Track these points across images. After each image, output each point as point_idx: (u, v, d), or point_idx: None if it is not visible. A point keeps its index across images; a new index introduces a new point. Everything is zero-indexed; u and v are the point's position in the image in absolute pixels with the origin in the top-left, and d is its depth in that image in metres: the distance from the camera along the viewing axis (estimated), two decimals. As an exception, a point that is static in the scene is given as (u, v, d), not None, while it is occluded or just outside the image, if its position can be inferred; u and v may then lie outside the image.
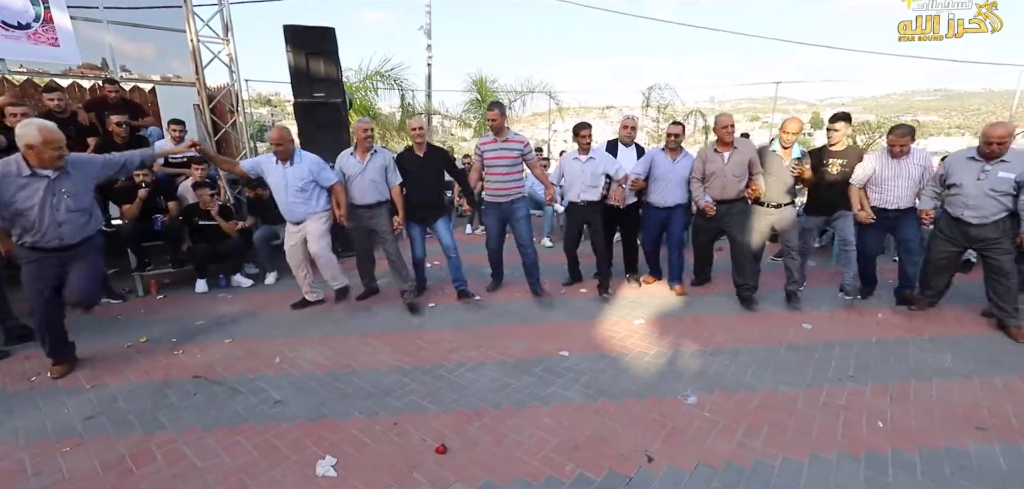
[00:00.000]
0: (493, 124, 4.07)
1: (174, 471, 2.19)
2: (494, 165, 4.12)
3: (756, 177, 3.99)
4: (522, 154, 4.15)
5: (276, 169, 3.78)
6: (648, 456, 2.30)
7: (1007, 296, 3.57)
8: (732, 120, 4.03)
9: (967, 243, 3.64)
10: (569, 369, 3.15)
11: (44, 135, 2.65)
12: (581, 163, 4.26)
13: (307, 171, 3.80)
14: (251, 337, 3.63)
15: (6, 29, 4.88)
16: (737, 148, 3.99)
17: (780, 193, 4.02)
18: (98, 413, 2.64)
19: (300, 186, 3.76)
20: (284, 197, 3.79)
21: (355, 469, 2.21)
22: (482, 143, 4.20)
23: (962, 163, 3.57)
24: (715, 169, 4.05)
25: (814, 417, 2.62)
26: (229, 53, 6.14)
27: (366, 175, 3.93)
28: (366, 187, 3.95)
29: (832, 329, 3.80)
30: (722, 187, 4.04)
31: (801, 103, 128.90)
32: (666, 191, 4.30)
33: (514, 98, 12.92)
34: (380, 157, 3.99)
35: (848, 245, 4.10)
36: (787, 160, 3.96)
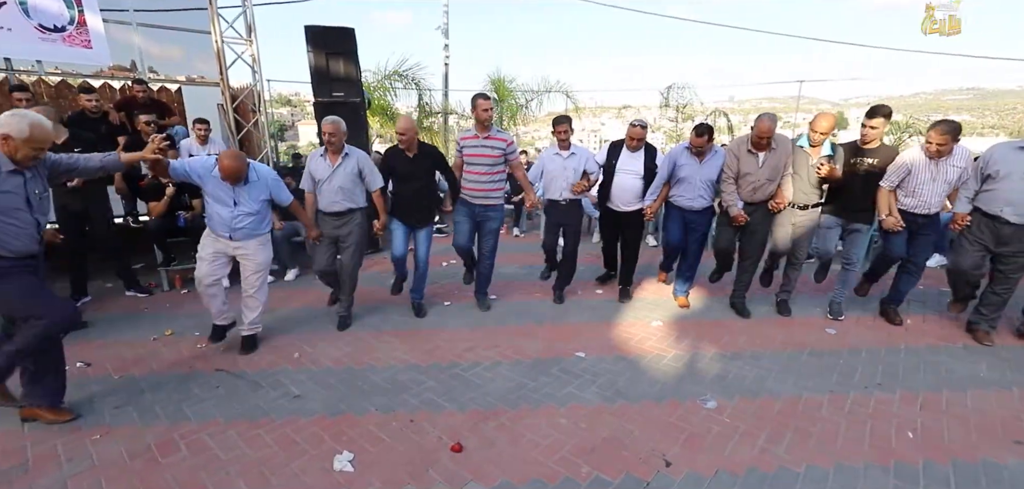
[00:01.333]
0: (487, 115, 3.71)
1: (197, 462, 2.23)
2: (474, 163, 3.78)
3: (785, 181, 3.70)
4: (505, 154, 3.81)
5: (222, 184, 3.05)
6: (666, 461, 2.27)
7: (997, 306, 3.53)
8: (773, 127, 3.56)
9: (995, 245, 3.37)
10: (586, 370, 3.12)
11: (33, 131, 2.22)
12: (562, 159, 3.99)
13: (267, 191, 3.24)
14: (272, 331, 3.69)
15: (43, 32, 5.05)
16: (774, 149, 3.62)
17: (806, 193, 3.74)
18: (125, 403, 2.71)
19: (256, 208, 3.18)
20: (229, 216, 3.10)
21: (372, 465, 2.23)
22: (463, 137, 3.89)
23: (1009, 154, 3.25)
24: (749, 170, 3.71)
25: (839, 425, 2.55)
26: (252, 54, 6.26)
27: (335, 180, 3.49)
28: (335, 193, 3.51)
29: (858, 335, 3.69)
30: (754, 190, 3.73)
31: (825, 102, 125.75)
32: (691, 193, 3.94)
33: (531, 97, 12.89)
34: (352, 160, 3.55)
35: (852, 264, 3.87)
36: (814, 158, 3.66)
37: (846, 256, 3.90)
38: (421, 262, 3.96)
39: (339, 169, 3.50)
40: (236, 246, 3.22)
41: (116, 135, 4.90)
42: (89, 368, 3.12)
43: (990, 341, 3.52)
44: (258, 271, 3.31)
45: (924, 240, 3.69)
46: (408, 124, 3.66)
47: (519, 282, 4.89)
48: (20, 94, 4.67)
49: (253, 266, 3.28)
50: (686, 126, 12.40)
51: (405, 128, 3.62)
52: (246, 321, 3.38)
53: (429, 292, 4.58)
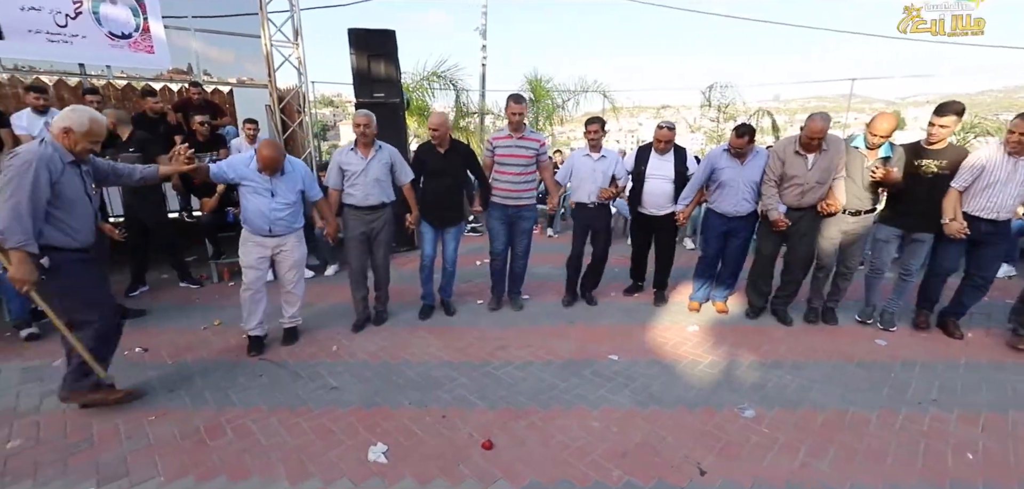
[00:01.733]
0: (516, 118, 3.66)
1: (242, 446, 2.35)
2: (506, 164, 3.75)
3: (837, 183, 3.47)
4: (537, 154, 3.81)
5: (259, 176, 3.14)
6: (700, 469, 2.21)
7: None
8: (826, 126, 3.35)
9: None
10: (618, 373, 3.08)
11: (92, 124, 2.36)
12: (592, 161, 3.92)
13: (300, 180, 3.30)
14: (311, 325, 3.83)
15: (112, 39, 5.45)
16: (825, 150, 3.38)
17: (859, 198, 3.49)
18: (178, 387, 2.89)
19: (292, 198, 3.24)
20: (268, 208, 3.16)
21: (404, 457, 2.28)
22: (495, 137, 3.83)
23: None
24: (796, 173, 3.47)
25: (889, 442, 2.41)
26: (298, 56, 6.52)
27: (370, 173, 3.49)
28: (370, 187, 3.50)
29: (911, 347, 3.48)
30: (801, 194, 3.50)
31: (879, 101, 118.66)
32: (733, 198, 3.72)
33: (567, 97, 12.82)
34: (385, 153, 3.57)
35: (910, 275, 3.62)
36: (869, 160, 3.39)
37: (904, 266, 3.67)
38: (449, 262, 3.96)
39: (373, 162, 3.51)
40: (276, 245, 3.29)
41: (173, 134, 5.21)
42: (146, 353, 3.34)
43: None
44: (295, 266, 3.39)
45: (990, 252, 3.40)
46: (441, 120, 3.66)
47: (552, 282, 4.87)
48: (92, 97, 5.05)
49: (290, 261, 3.36)
50: (728, 126, 12.00)
51: (438, 123, 3.63)
52: (286, 315, 3.50)
53: (462, 291, 4.64)
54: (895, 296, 3.77)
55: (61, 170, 2.27)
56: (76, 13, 5.19)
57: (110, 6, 5.35)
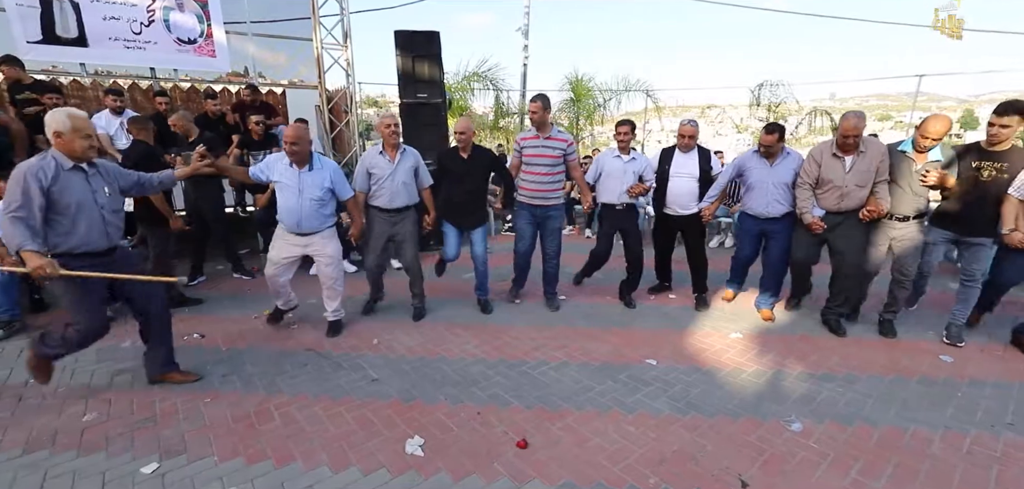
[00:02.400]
0: (533, 117, 3.69)
1: (288, 432, 2.46)
2: (533, 164, 3.76)
3: (880, 187, 3.34)
4: (565, 154, 3.80)
5: (289, 172, 3.24)
6: (743, 481, 2.13)
7: None
8: (862, 125, 3.28)
9: None
10: (656, 378, 3.01)
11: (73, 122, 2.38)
12: (622, 163, 3.94)
13: (329, 178, 3.34)
14: (353, 319, 3.97)
15: (179, 45, 5.85)
16: (863, 152, 3.30)
17: (907, 204, 3.32)
18: (231, 372, 3.06)
19: (319, 195, 3.29)
20: (296, 205, 3.25)
21: (440, 452, 2.32)
22: (522, 138, 3.86)
23: None
24: (833, 177, 3.38)
25: (955, 466, 2.23)
26: (347, 58, 6.76)
27: (397, 176, 3.56)
28: (397, 189, 3.58)
29: (980, 365, 3.21)
30: (840, 198, 3.40)
31: (949, 99, 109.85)
32: (763, 199, 3.71)
33: (609, 97, 12.65)
34: (410, 156, 3.66)
35: (973, 281, 3.36)
36: (920, 164, 3.24)
37: (967, 272, 3.40)
38: (479, 261, 4.02)
39: (400, 165, 3.57)
40: (306, 243, 3.38)
41: (231, 134, 5.53)
42: (203, 339, 3.56)
43: None
44: (330, 263, 3.46)
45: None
46: (466, 125, 3.72)
47: (589, 284, 4.82)
48: (161, 98, 5.45)
49: (326, 259, 3.44)
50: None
51: (464, 128, 3.69)
52: (329, 310, 3.62)
53: (499, 288, 4.67)
54: (960, 305, 3.48)
55: (54, 177, 2.32)
56: (149, 21, 5.61)
57: (179, 13, 5.75)
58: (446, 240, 3.96)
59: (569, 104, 12.48)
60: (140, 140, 3.84)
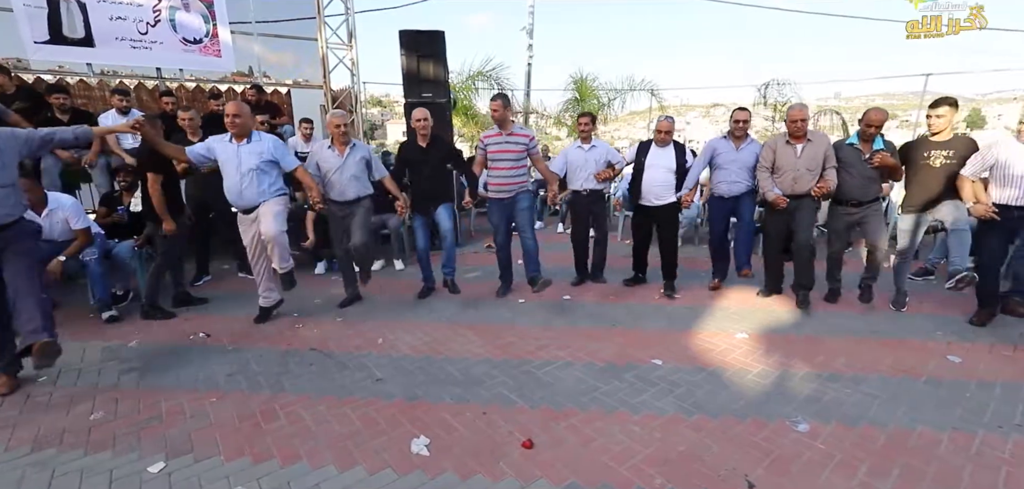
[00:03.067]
0: (494, 115, 3.88)
1: (293, 431, 2.47)
2: (498, 159, 3.96)
3: (829, 171, 3.75)
4: (527, 149, 4.01)
5: (229, 148, 3.38)
6: (749, 482, 2.12)
7: None
8: (804, 113, 3.83)
9: None
10: (662, 379, 3.00)
11: None
12: (583, 152, 4.31)
13: (266, 149, 3.42)
14: (357, 318, 3.98)
15: (185, 45, 5.88)
16: (811, 140, 3.78)
17: (861, 190, 3.73)
18: (236, 372, 3.07)
19: (254, 164, 3.35)
20: (235, 178, 3.36)
21: (445, 452, 2.32)
22: (485, 136, 4.06)
23: None
24: (786, 163, 3.84)
25: (963, 468, 2.21)
26: (352, 58, 6.78)
27: (346, 170, 3.76)
28: (346, 183, 3.78)
29: (989, 366, 3.17)
30: (793, 181, 3.83)
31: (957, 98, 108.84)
32: (730, 178, 4.17)
33: (614, 96, 12.63)
34: (360, 150, 3.86)
35: (961, 233, 3.52)
36: (866, 152, 3.67)
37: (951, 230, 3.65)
38: (447, 235, 4.17)
39: (349, 159, 3.73)
40: (253, 217, 3.47)
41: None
42: (208, 338, 3.58)
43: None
44: (271, 219, 3.39)
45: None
46: (423, 114, 3.94)
47: (592, 283, 4.81)
48: (168, 98, 5.47)
49: (266, 219, 3.39)
50: (782, 126, 11.41)
51: (421, 116, 3.92)
52: (276, 263, 3.58)
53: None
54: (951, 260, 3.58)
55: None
56: (155, 21, 5.64)
57: (184, 13, 5.78)
58: (415, 234, 4.21)
59: (574, 103, 12.46)
60: None
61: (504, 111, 3.86)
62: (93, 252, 3.78)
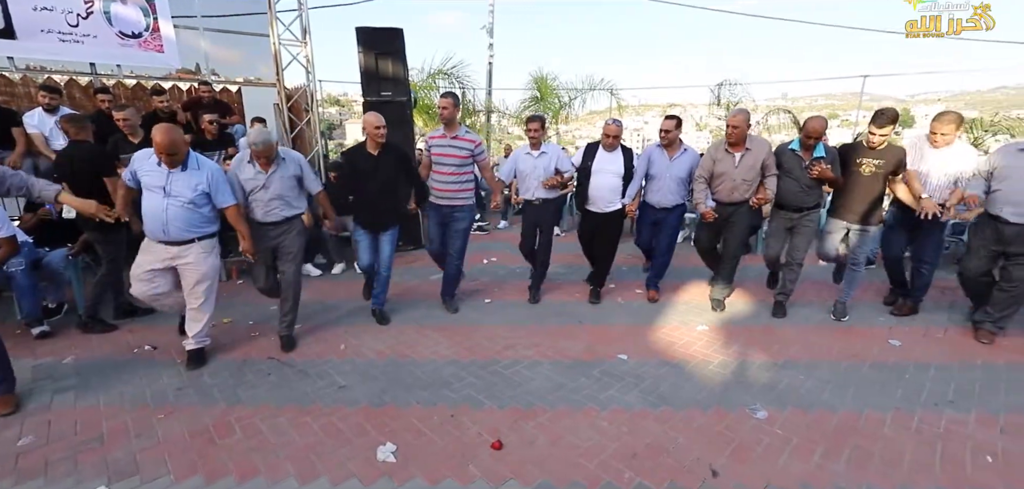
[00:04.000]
0: (443, 113, 3.64)
1: (250, 444, 2.35)
2: (441, 163, 3.71)
3: (768, 180, 3.69)
4: (473, 154, 3.77)
5: (156, 171, 2.81)
6: (713, 470, 2.18)
7: (1005, 305, 3.44)
8: (739, 120, 3.64)
9: (998, 245, 3.35)
10: (628, 373, 3.05)
11: None
12: (533, 158, 4.01)
13: (205, 180, 2.90)
14: (319, 324, 3.84)
15: (122, 39, 5.48)
16: (750, 149, 3.67)
17: (800, 197, 3.69)
18: (187, 385, 2.89)
19: (190, 197, 2.85)
20: (159, 208, 2.80)
21: (413, 457, 2.27)
22: (430, 137, 3.81)
23: (1012, 155, 3.27)
24: (724, 170, 3.73)
25: (905, 445, 2.37)
26: (306, 55, 6.53)
27: (271, 188, 3.18)
28: (271, 203, 3.21)
29: (926, 348, 3.42)
30: (731, 190, 3.75)
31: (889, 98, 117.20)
32: (660, 191, 4.01)
33: (574, 95, 12.77)
34: (290, 165, 3.25)
35: (857, 264, 3.78)
36: (806, 160, 3.63)
37: (852, 256, 3.81)
38: (384, 266, 3.77)
39: (274, 176, 3.16)
40: (174, 255, 2.91)
41: (184, 133, 5.24)
42: (155, 351, 3.35)
43: (990, 339, 3.48)
44: (202, 281, 3.00)
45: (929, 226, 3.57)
46: (376, 119, 3.52)
47: (560, 282, 4.85)
48: (103, 96, 5.08)
49: (196, 276, 2.97)
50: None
51: (375, 122, 3.51)
52: (190, 334, 3.10)
53: (469, 288, 4.64)
54: (846, 287, 3.94)
55: None
56: (87, 13, 5.23)
57: (120, 6, 5.38)
58: (357, 248, 3.77)
59: (534, 102, 12.53)
60: (80, 140, 3.55)
61: (454, 110, 3.66)
62: (19, 262, 3.45)
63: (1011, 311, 3.47)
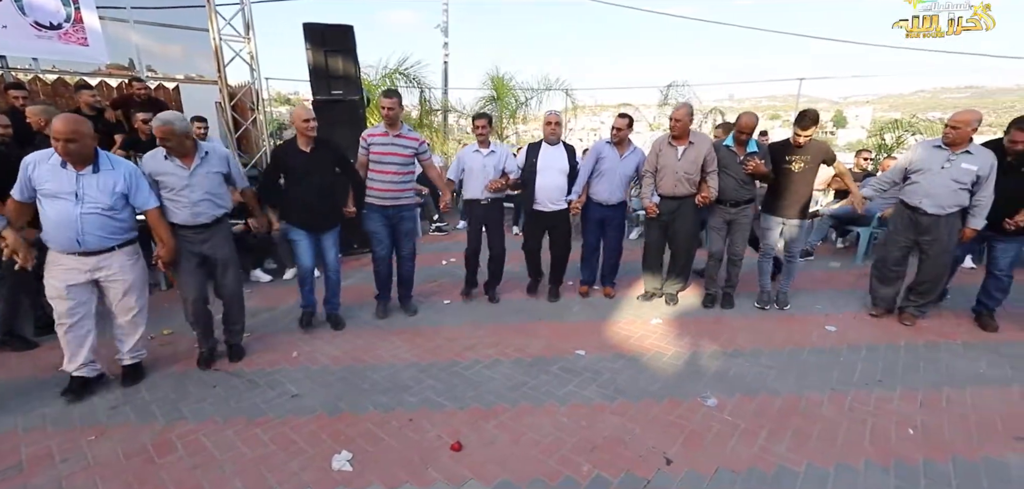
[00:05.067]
0: (389, 113, 3.48)
1: (194, 461, 2.22)
2: (384, 162, 3.55)
3: (710, 177, 3.81)
4: (416, 153, 3.67)
5: (61, 174, 2.43)
6: (667, 459, 2.26)
7: (928, 291, 3.75)
8: (683, 113, 3.75)
9: (916, 234, 3.63)
10: (586, 368, 3.11)
11: None
12: (481, 157, 3.92)
13: (122, 180, 2.57)
14: (269, 331, 3.67)
15: (38, 30, 5.03)
16: (693, 143, 3.78)
17: (736, 191, 3.86)
18: (122, 403, 2.69)
19: (108, 202, 2.53)
20: (74, 217, 2.44)
21: (371, 464, 2.21)
22: (370, 134, 3.59)
23: (928, 151, 3.56)
24: (667, 163, 3.84)
25: (840, 423, 2.54)
26: (250, 51, 6.24)
27: (197, 187, 2.81)
28: (200, 205, 2.83)
29: (857, 332, 3.69)
30: (674, 183, 3.84)
31: (824, 101, 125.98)
32: (608, 187, 4.01)
33: (530, 95, 12.87)
34: (215, 159, 2.92)
35: (792, 257, 4.04)
36: (741, 156, 3.80)
37: (788, 250, 4.05)
38: (331, 270, 3.63)
39: (199, 171, 2.82)
40: (92, 267, 2.58)
41: (112, 133, 4.87)
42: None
43: (912, 322, 3.79)
44: (131, 291, 2.74)
45: None
46: (303, 112, 3.27)
47: (519, 281, 4.86)
48: (16, 92, 4.65)
49: (123, 286, 2.70)
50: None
51: (305, 116, 3.24)
52: (124, 349, 2.88)
53: (428, 290, 4.58)
54: (784, 278, 4.19)
55: None
56: (-5, 0, 4.76)
57: (36, -8, 4.94)
58: (296, 249, 3.50)
59: (490, 102, 12.53)
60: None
61: (398, 109, 3.51)
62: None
63: (932, 297, 3.79)
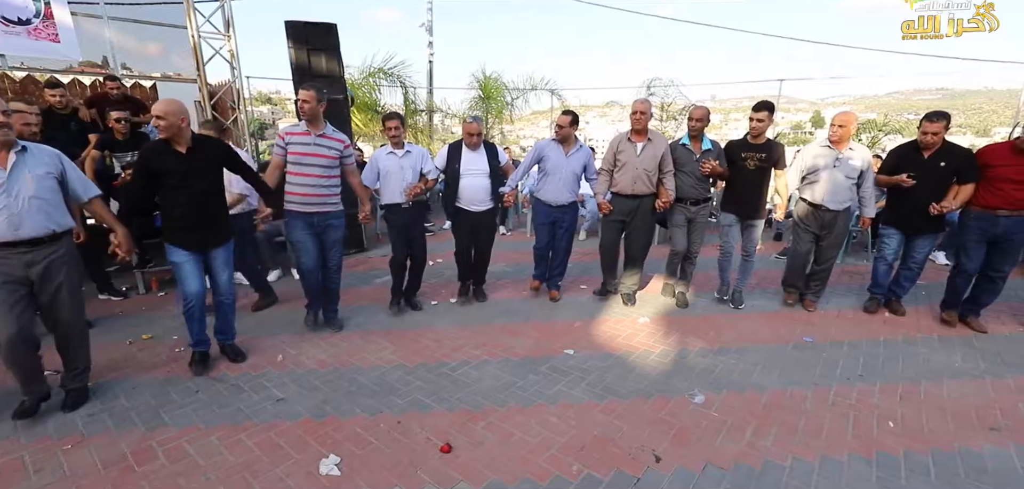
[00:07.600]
0: (304, 106, 3.16)
1: (176, 469, 2.16)
2: (305, 164, 3.24)
3: (667, 178, 3.82)
4: (341, 155, 3.40)
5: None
6: (656, 456, 2.27)
7: (825, 276, 4.09)
8: (645, 107, 3.71)
9: (818, 229, 3.89)
10: (574, 367, 3.11)
11: None
12: (397, 158, 3.68)
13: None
14: (253, 334, 3.60)
15: (6, 25, 4.85)
16: (651, 140, 3.77)
17: (693, 189, 3.87)
18: (100, 410, 2.61)
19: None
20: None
21: (359, 468, 2.18)
22: (288, 132, 3.27)
23: (820, 151, 3.81)
24: (626, 160, 3.80)
25: (824, 417, 2.59)
26: (230, 49, 6.12)
27: (20, 190, 2.27)
28: (22, 213, 2.28)
29: (839, 328, 3.76)
30: (633, 180, 3.80)
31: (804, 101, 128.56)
32: (557, 187, 3.93)
33: (516, 94, 12.87)
34: (44, 160, 2.39)
35: (750, 256, 4.08)
36: (697, 153, 3.83)
37: (745, 249, 4.08)
38: (224, 293, 3.06)
39: (18, 173, 2.28)
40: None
41: (87, 132, 4.73)
42: (58, 375, 2.99)
43: (813, 307, 4.10)
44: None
45: None
46: (168, 107, 2.64)
47: (507, 281, 4.86)
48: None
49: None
50: (669, 125, 12.48)
51: (165, 112, 2.61)
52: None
53: (428, 289, 4.53)
54: (740, 276, 4.23)
55: None
56: (-39, -6, 4.59)
57: (3, -14, 4.76)
58: (179, 273, 2.84)
59: (479, 102, 12.49)
60: None
61: (317, 105, 3.16)
62: None
63: (825, 282, 4.12)
